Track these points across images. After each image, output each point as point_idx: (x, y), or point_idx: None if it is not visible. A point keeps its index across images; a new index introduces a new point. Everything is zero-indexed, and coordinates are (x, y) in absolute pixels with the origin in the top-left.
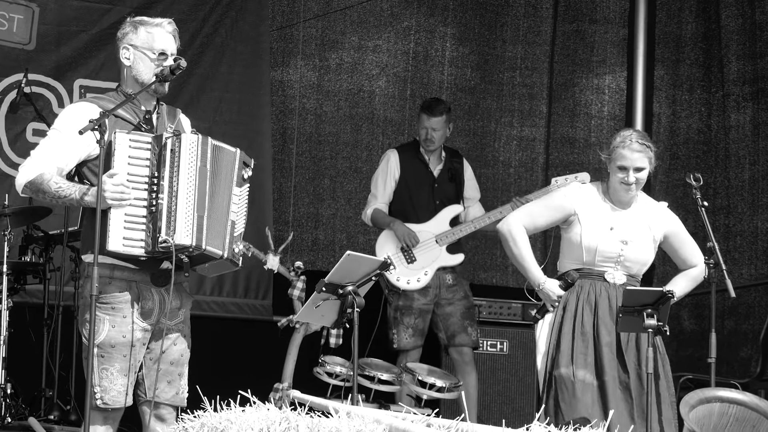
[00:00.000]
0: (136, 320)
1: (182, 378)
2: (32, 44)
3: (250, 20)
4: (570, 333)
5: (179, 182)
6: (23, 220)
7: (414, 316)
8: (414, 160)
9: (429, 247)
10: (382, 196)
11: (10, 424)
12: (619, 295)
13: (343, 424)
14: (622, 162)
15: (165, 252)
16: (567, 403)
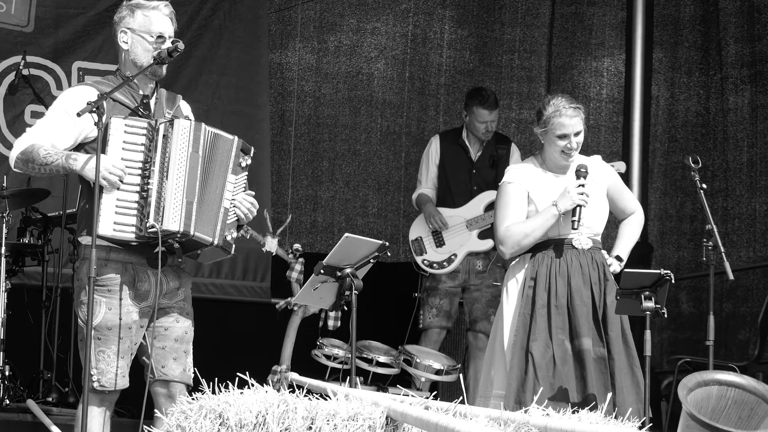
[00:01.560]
0: (132, 303)
1: (188, 356)
2: (30, 26)
3: (248, 2)
4: (545, 306)
5: (170, 168)
6: (21, 202)
7: (440, 297)
8: (454, 145)
9: (459, 232)
10: (426, 181)
11: (9, 406)
12: (589, 261)
13: (342, 406)
14: (562, 130)
15: (154, 237)
16: (545, 376)
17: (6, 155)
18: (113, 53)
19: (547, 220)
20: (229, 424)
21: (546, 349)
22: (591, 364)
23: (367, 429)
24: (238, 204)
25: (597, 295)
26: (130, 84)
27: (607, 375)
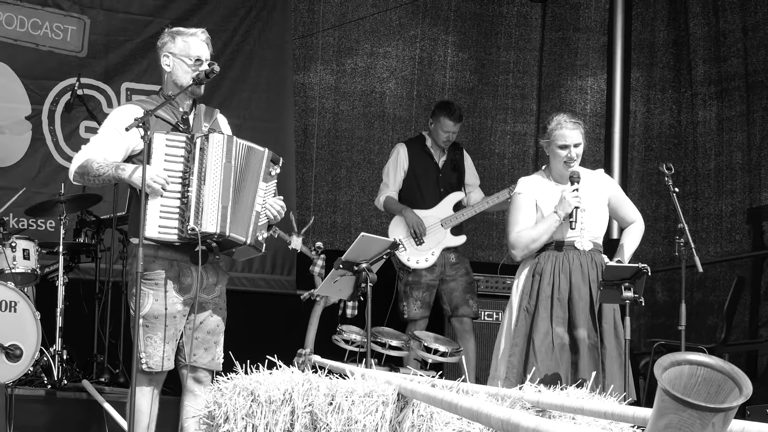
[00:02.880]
0: (176, 295)
1: (218, 346)
2: (84, 52)
3: (275, 30)
4: (548, 299)
5: (206, 176)
6: (77, 206)
7: (422, 291)
8: (421, 153)
9: (435, 230)
10: (393, 185)
11: (66, 386)
12: (589, 261)
13: (358, 384)
14: (563, 141)
15: (194, 238)
16: (543, 359)
17: (64, 166)
18: (157, 75)
19: (550, 225)
20: (259, 400)
21: (546, 336)
22: (585, 351)
23: (381, 404)
24: (269, 207)
25: (594, 291)
26: (171, 102)
27: (599, 361)
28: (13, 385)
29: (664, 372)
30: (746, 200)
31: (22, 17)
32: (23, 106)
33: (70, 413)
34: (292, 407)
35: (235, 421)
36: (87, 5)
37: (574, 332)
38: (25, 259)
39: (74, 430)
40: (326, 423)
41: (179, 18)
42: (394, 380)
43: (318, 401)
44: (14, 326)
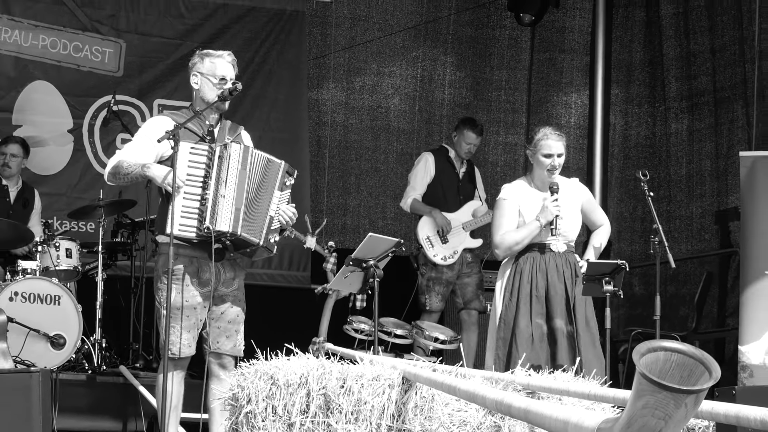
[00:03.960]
0: (196, 288)
1: (239, 334)
2: (120, 72)
3: (292, 52)
4: (528, 296)
5: (223, 182)
6: (114, 210)
7: (442, 286)
8: (445, 162)
9: (457, 232)
10: (419, 188)
11: (105, 371)
12: (564, 262)
13: (367, 369)
14: (548, 150)
15: (209, 236)
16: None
17: (102, 174)
18: (186, 92)
19: (532, 231)
20: (278, 383)
21: (526, 329)
22: (562, 340)
23: (387, 387)
24: (282, 213)
25: (569, 288)
26: (199, 116)
27: (574, 349)
28: (57, 371)
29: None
30: (714, 203)
31: (65, 41)
32: (66, 120)
33: (109, 396)
34: (307, 390)
35: (257, 403)
36: (123, 30)
37: (551, 323)
38: (68, 258)
39: (112, 411)
40: (338, 404)
41: (206, 41)
42: (399, 365)
43: (331, 384)
44: (58, 318)
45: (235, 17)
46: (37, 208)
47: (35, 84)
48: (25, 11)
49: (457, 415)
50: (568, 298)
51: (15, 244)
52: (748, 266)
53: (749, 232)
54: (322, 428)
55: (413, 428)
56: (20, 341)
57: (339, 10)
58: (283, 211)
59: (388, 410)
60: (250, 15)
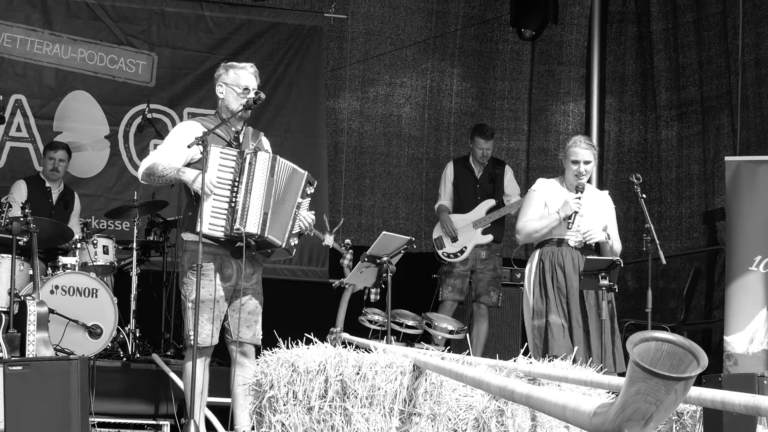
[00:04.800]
0: (219, 283)
1: (257, 324)
2: (153, 82)
3: (311, 64)
4: (552, 288)
5: (252, 186)
6: (147, 210)
7: (454, 278)
8: (464, 168)
9: (468, 230)
10: (444, 194)
11: (139, 359)
12: (579, 256)
13: (381, 357)
14: (575, 157)
15: (238, 237)
16: (556, 342)
17: (137, 177)
18: (213, 101)
19: (551, 222)
20: (299, 370)
21: (556, 324)
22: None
23: (399, 374)
24: (302, 219)
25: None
26: (226, 123)
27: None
28: (94, 358)
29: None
30: (702, 204)
31: (102, 54)
32: (103, 127)
33: (142, 381)
34: (325, 376)
35: (279, 388)
36: (155, 44)
37: (570, 317)
38: (105, 254)
39: (145, 395)
40: (354, 389)
41: (231, 54)
42: (410, 354)
43: (347, 371)
44: (96, 309)
45: (258, 32)
46: (76, 208)
47: (74, 93)
48: (65, 26)
49: (464, 399)
50: (582, 293)
51: (56, 241)
52: (733, 262)
53: (734, 231)
54: (339, 412)
55: (423, 412)
56: (60, 331)
57: (354, 25)
58: (303, 217)
59: (400, 395)
60: (273, 30)
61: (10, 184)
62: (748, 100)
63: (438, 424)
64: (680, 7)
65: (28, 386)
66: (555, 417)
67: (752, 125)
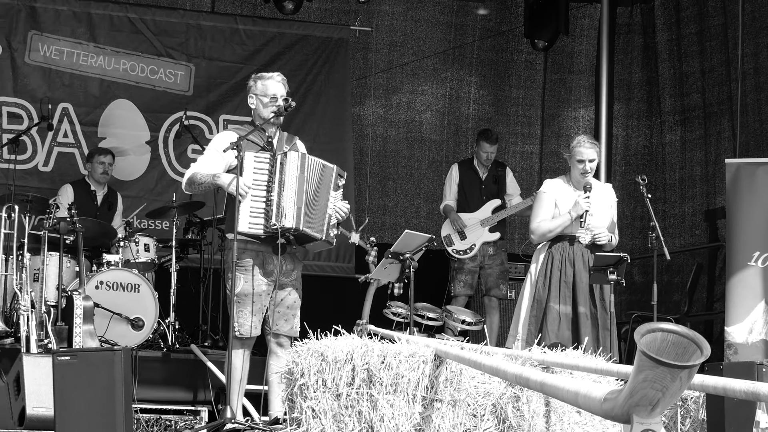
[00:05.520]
0: (261, 278)
1: (295, 318)
2: (190, 91)
3: (338, 74)
4: (558, 281)
5: (285, 185)
6: (185, 210)
7: (465, 274)
8: (468, 170)
9: (475, 228)
10: (449, 195)
11: (178, 349)
12: (588, 254)
13: (404, 347)
14: (581, 156)
15: (276, 232)
16: (553, 329)
17: (176, 179)
18: (246, 108)
19: (564, 222)
20: (328, 360)
21: (555, 313)
22: (585, 322)
23: (422, 363)
24: (337, 210)
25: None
26: (259, 129)
27: (596, 329)
28: (137, 349)
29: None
30: (704, 204)
31: (143, 65)
32: (144, 133)
33: (181, 370)
34: (353, 365)
35: (309, 376)
36: (192, 55)
37: (576, 309)
38: (146, 252)
39: (184, 383)
40: (380, 377)
41: (263, 65)
42: (431, 344)
43: (373, 360)
44: (138, 303)
45: (288, 44)
46: (119, 209)
47: (117, 102)
48: (109, 39)
49: (482, 386)
50: (591, 286)
51: (101, 240)
52: (733, 258)
53: (734, 228)
54: (366, 398)
55: (444, 398)
56: (105, 324)
57: (378, 37)
58: (338, 208)
59: (422, 383)
60: (302, 42)
61: (58, 187)
62: (747, 106)
63: (458, 409)
64: (684, 20)
65: (75, 375)
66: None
67: (751, 129)
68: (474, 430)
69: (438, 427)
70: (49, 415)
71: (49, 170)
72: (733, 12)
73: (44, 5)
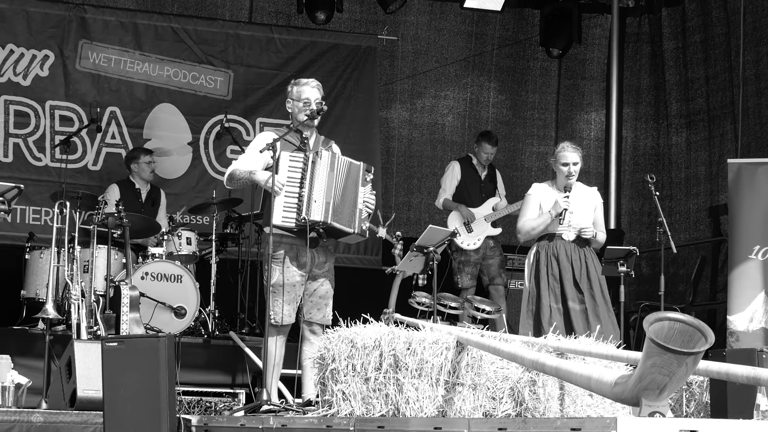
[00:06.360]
0: (295, 269)
1: (327, 307)
2: (229, 96)
3: (366, 79)
4: (546, 276)
5: (315, 181)
6: (225, 206)
7: (471, 266)
8: (469, 168)
9: (480, 223)
10: (449, 190)
11: (218, 336)
12: (572, 248)
13: (428, 334)
14: (565, 160)
15: (305, 225)
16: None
17: (216, 178)
18: (281, 112)
19: (545, 221)
20: (357, 346)
21: (546, 307)
22: (575, 315)
23: (445, 349)
24: (367, 203)
25: (577, 268)
26: (294, 131)
27: (586, 322)
28: (179, 335)
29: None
30: (708, 201)
31: (185, 71)
32: (186, 135)
33: (220, 355)
34: (380, 351)
35: (339, 361)
36: (231, 62)
37: (566, 304)
38: (188, 245)
39: (223, 367)
40: (405, 363)
41: (297, 71)
42: (453, 331)
43: (399, 347)
44: (180, 293)
45: (320, 52)
46: (163, 205)
47: (161, 106)
48: (154, 48)
49: (501, 371)
50: (575, 278)
51: (146, 234)
52: (734, 251)
53: (736, 224)
54: (392, 382)
55: (465, 382)
56: (150, 312)
57: (404, 46)
58: (366, 200)
59: (445, 367)
60: (333, 50)
61: (107, 185)
62: (748, 110)
63: (478, 392)
64: (689, 29)
65: (122, 360)
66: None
67: (752, 132)
68: (493, 411)
69: (459, 409)
70: (98, 397)
71: (97, 169)
72: (735, 22)
73: (94, 16)
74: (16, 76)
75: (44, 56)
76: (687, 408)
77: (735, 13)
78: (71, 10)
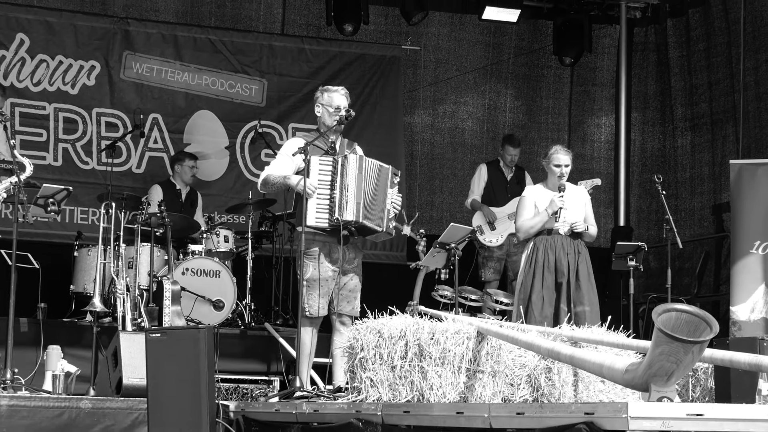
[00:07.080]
0: (328, 265)
1: (356, 299)
2: (263, 103)
3: (391, 87)
4: (542, 267)
5: (346, 183)
6: (260, 206)
7: (494, 261)
8: (496, 170)
9: (504, 221)
10: (477, 191)
11: (254, 327)
12: (568, 242)
13: (450, 325)
14: (558, 162)
15: (338, 225)
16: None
17: (251, 180)
18: (312, 118)
19: (542, 219)
20: (384, 336)
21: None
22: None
23: (466, 339)
24: (394, 204)
25: (571, 261)
26: (323, 136)
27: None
28: (218, 327)
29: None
30: (711, 199)
31: (222, 80)
32: (223, 140)
33: (256, 345)
34: (405, 341)
35: (368, 351)
36: (265, 71)
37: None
38: (225, 242)
39: (259, 357)
40: (429, 352)
41: (327, 79)
42: (474, 322)
43: (423, 337)
44: (219, 287)
45: (348, 61)
46: (200, 206)
47: (200, 112)
48: (193, 58)
49: (519, 359)
50: (569, 269)
51: (186, 232)
52: (736, 246)
53: (737, 220)
54: (417, 370)
55: (485, 370)
56: (190, 305)
57: (426, 55)
58: (393, 201)
59: (466, 356)
60: (360, 60)
61: (149, 186)
62: (749, 114)
63: (498, 379)
64: (693, 38)
65: (165, 350)
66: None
67: (752, 134)
68: (511, 397)
69: (480, 395)
70: (143, 385)
71: (141, 172)
72: (736, 32)
73: (137, 29)
74: (65, 85)
75: (91, 66)
76: (693, 393)
77: (736, 23)
78: (116, 23)
